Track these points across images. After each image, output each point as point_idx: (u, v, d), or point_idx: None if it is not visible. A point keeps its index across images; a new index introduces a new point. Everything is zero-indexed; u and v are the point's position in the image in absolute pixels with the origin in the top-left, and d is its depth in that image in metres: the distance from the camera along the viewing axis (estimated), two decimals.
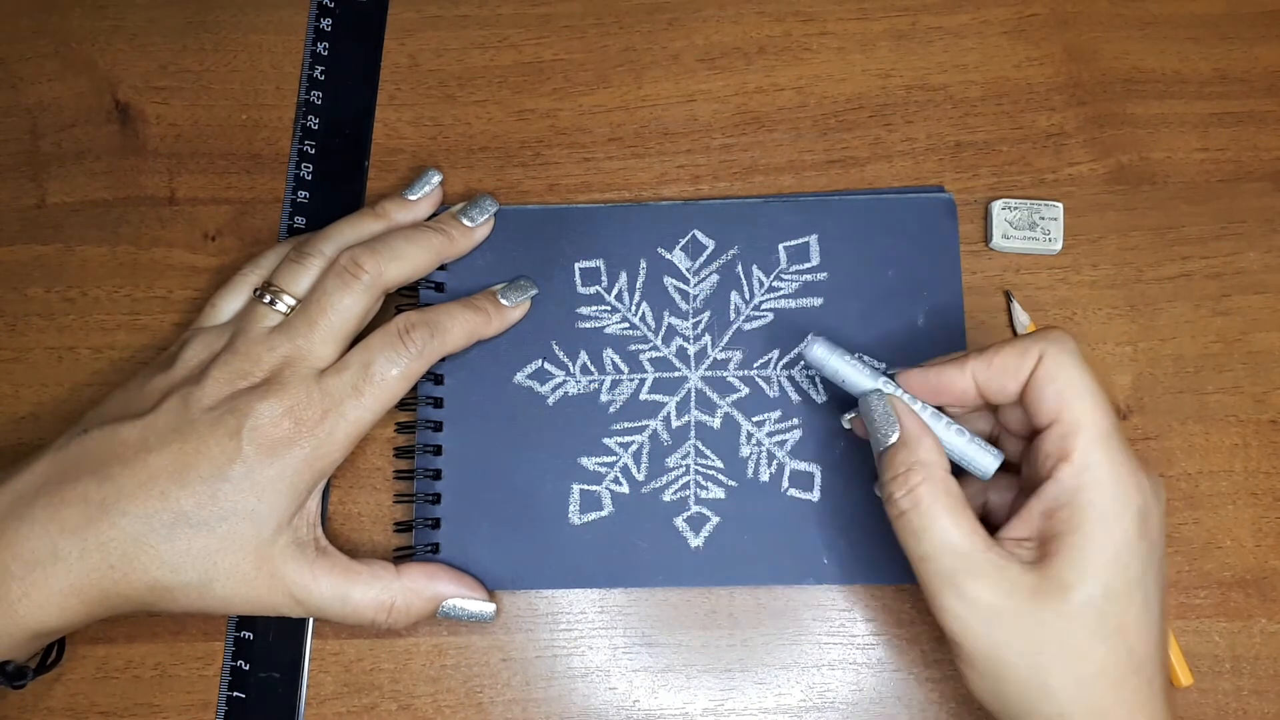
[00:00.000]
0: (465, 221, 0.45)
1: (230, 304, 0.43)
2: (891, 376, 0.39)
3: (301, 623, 0.44)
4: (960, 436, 0.38)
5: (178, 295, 0.47)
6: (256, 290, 0.42)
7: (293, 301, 0.41)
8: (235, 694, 0.43)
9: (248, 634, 0.44)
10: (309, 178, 0.48)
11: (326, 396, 0.40)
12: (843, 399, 0.44)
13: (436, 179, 0.45)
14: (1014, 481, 0.39)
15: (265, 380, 0.39)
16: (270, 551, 0.39)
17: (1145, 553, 0.34)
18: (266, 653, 0.43)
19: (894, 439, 0.37)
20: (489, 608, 0.42)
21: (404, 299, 0.45)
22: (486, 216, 0.45)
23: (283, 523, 0.39)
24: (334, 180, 0.48)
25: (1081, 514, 0.34)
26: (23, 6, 0.50)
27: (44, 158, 0.49)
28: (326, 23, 0.49)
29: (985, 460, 0.38)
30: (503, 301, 0.44)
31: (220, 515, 0.38)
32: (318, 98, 0.49)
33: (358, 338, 0.42)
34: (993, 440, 0.40)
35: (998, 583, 0.34)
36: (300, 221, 0.47)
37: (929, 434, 0.37)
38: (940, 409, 0.39)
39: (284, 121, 0.49)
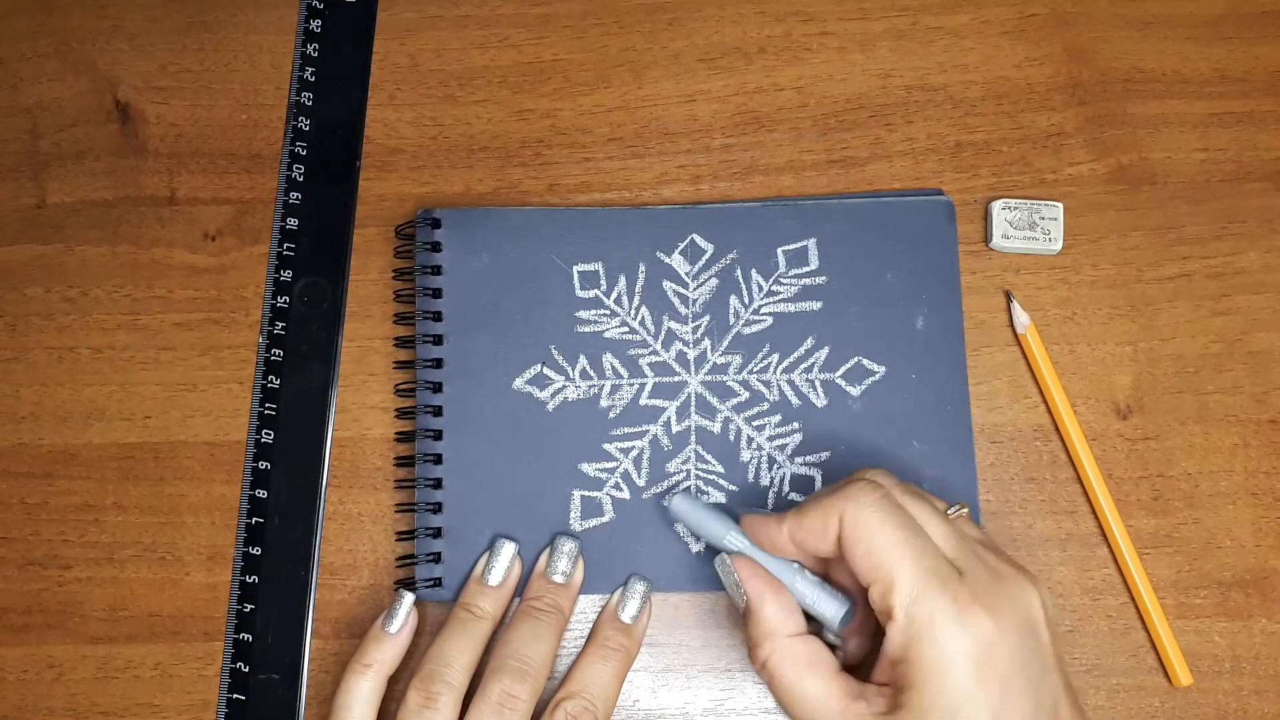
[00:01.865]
0: (558, 579, 0.43)
1: None
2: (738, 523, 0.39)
3: (301, 623, 0.44)
4: (810, 586, 0.38)
5: (178, 295, 0.47)
6: None
7: None
8: (235, 696, 0.43)
9: (247, 636, 0.44)
10: (300, 179, 0.48)
11: None
12: (835, 409, 0.44)
13: (512, 549, 0.43)
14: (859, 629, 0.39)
15: None
16: None
17: (991, 698, 0.33)
18: (266, 654, 0.43)
19: (743, 603, 0.38)
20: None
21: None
22: (573, 564, 0.43)
23: None
24: (326, 181, 0.48)
25: (914, 670, 0.34)
26: (23, 6, 0.50)
27: (44, 158, 0.49)
28: (316, 24, 0.49)
29: (832, 609, 0.38)
30: (624, 619, 0.43)
31: None
32: (308, 99, 0.49)
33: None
34: None
35: None
36: (293, 223, 0.47)
37: (774, 598, 0.37)
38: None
39: (284, 121, 0.49)
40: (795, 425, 0.44)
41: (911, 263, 0.45)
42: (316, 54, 0.49)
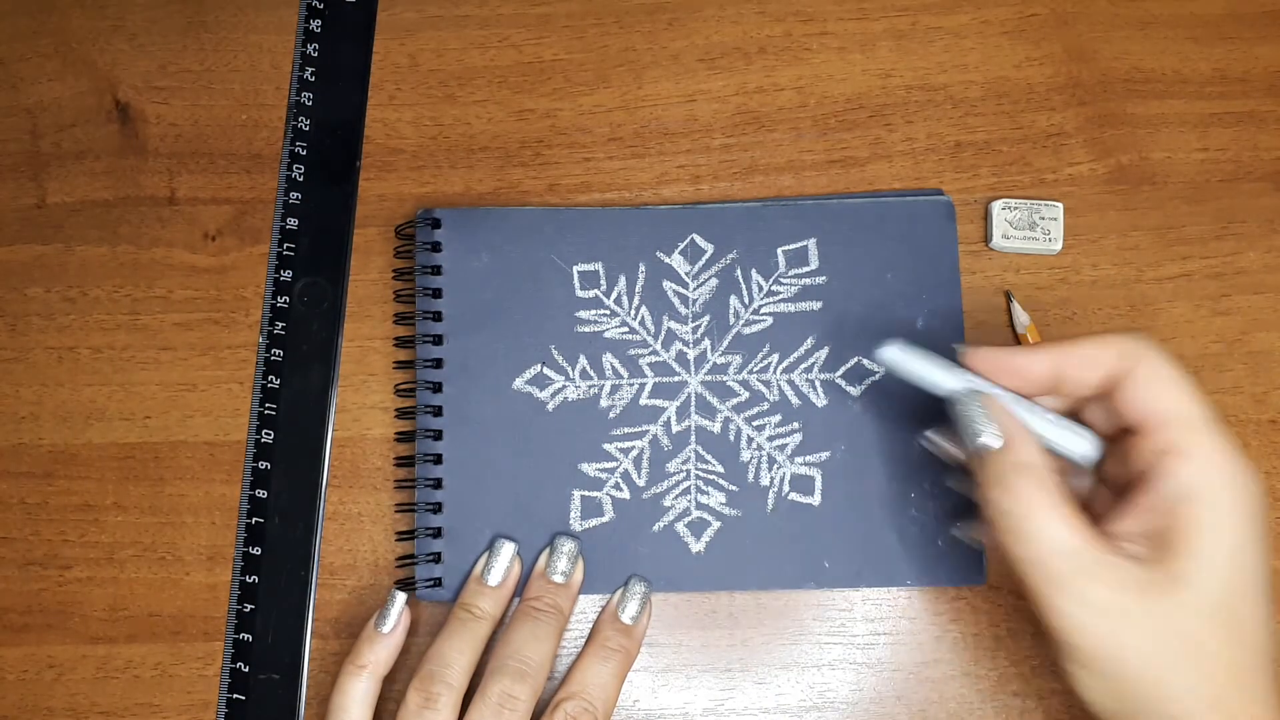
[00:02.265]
0: (558, 579, 0.43)
1: None
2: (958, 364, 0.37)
3: (301, 623, 0.44)
4: (1053, 424, 0.36)
5: (178, 295, 0.47)
6: None
7: None
8: (235, 696, 0.43)
9: (247, 636, 0.44)
10: (300, 179, 0.48)
11: None
12: (835, 409, 0.44)
13: (511, 549, 0.43)
14: (1086, 471, 0.38)
15: None
16: None
17: (1257, 542, 0.34)
18: (266, 654, 0.44)
19: (993, 443, 0.35)
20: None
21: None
22: (572, 564, 0.43)
23: None
24: (326, 181, 0.48)
25: (1202, 509, 0.33)
26: (23, 6, 0.50)
27: (44, 158, 0.49)
28: (316, 24, 0.49)
29: (1082, 445, 0.36)
30: (624, 620, 0.43)
31: None
32: (308, 99, 0.49)
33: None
34: None
35: (1113, 582, 0.33)
36: (293, 223, 0.47)
37: (1024, 432, 0.36)
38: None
39: (284, 121, 0.49)
40: (795, 425, 0.44)
41: (911, 263, 0.45)
42: (316, 54, 0.49)
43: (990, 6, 0.49)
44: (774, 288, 0.45)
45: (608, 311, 0.45)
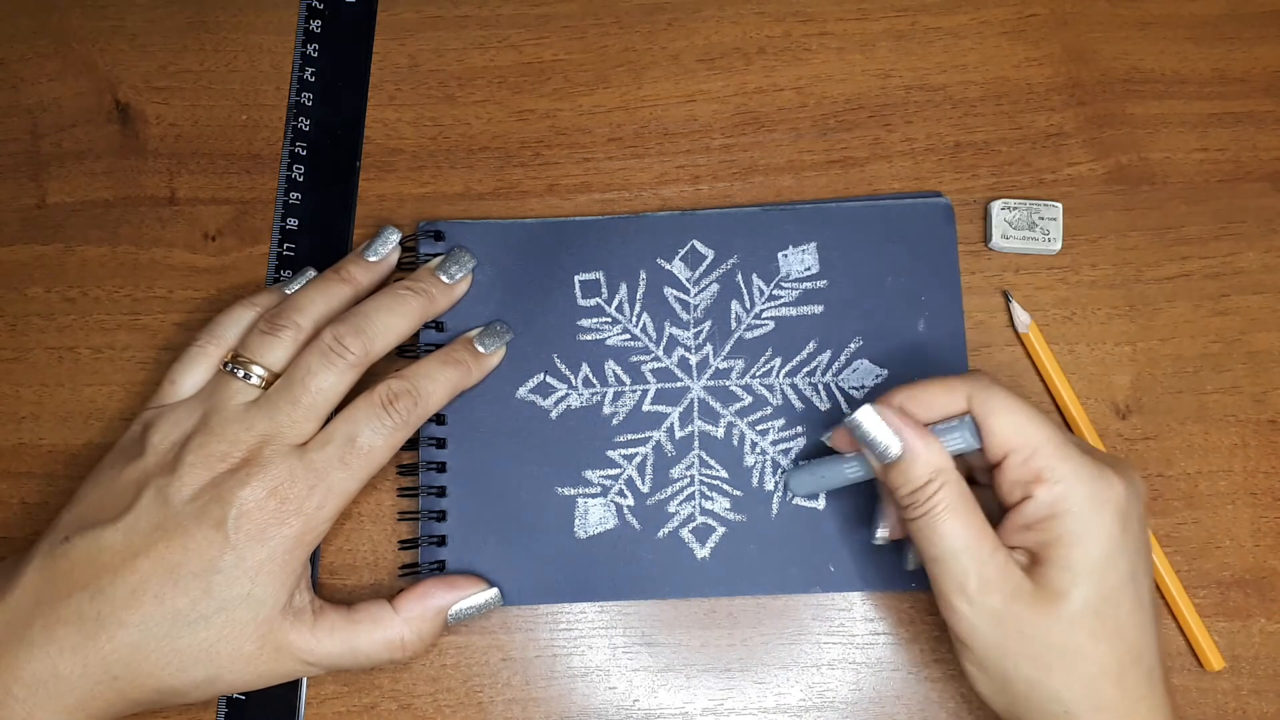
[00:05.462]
0: (444, 278, 0.44)
1: (190, 378, 0.41)
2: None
3: None
4: (937, 432, 0.38)
5: (178, 295, 0.47)
6: (225, 363, 0.41)
7: (265, 374, 0.40)
8: (235, 695, 0.43)
9: None
10: (301, 179, 0.48)
11: (311, 472, 0.39)
12: (838, 412, 0.44)
13: (395, 236, 0.44)
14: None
15: (244, 461, 0.38)
16: (270, 628, 0.39)
17: (1131, 549, 0.35)
18: None
19: (898, 450, 0.37)
20: (492, 594, 0.42)
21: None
22: (465, 272, 0.44)
23: (279, 600, 0.39)
24: (326, 182, 0.48)
25: (1064, 524, 0.35)
26: (23, 6, 0.50)
27: (44, 158, 0.49)
28: (316, 24, 0.49)
29: (965, 436, 0.38)
30: (480, 349, 0.44)
31: (217, 607, 0.38)
32: (308, 99, 0.49)
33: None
34: None
35: (1003, 587, 0.35)
36: (293, 223, 0.47)
37: (931, 438, 0.37)
38: None
39: (284, 121, 0.49)
40: (799, 429, 0.44)
41: (912, 265, 0.45)
42: (316, 54, 0.49)
43: (989, 7, 0.49)
44: (775, 292, 0.45)
45: (609, 319, 0.45)
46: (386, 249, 0.44)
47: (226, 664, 0.38)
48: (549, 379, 0.45)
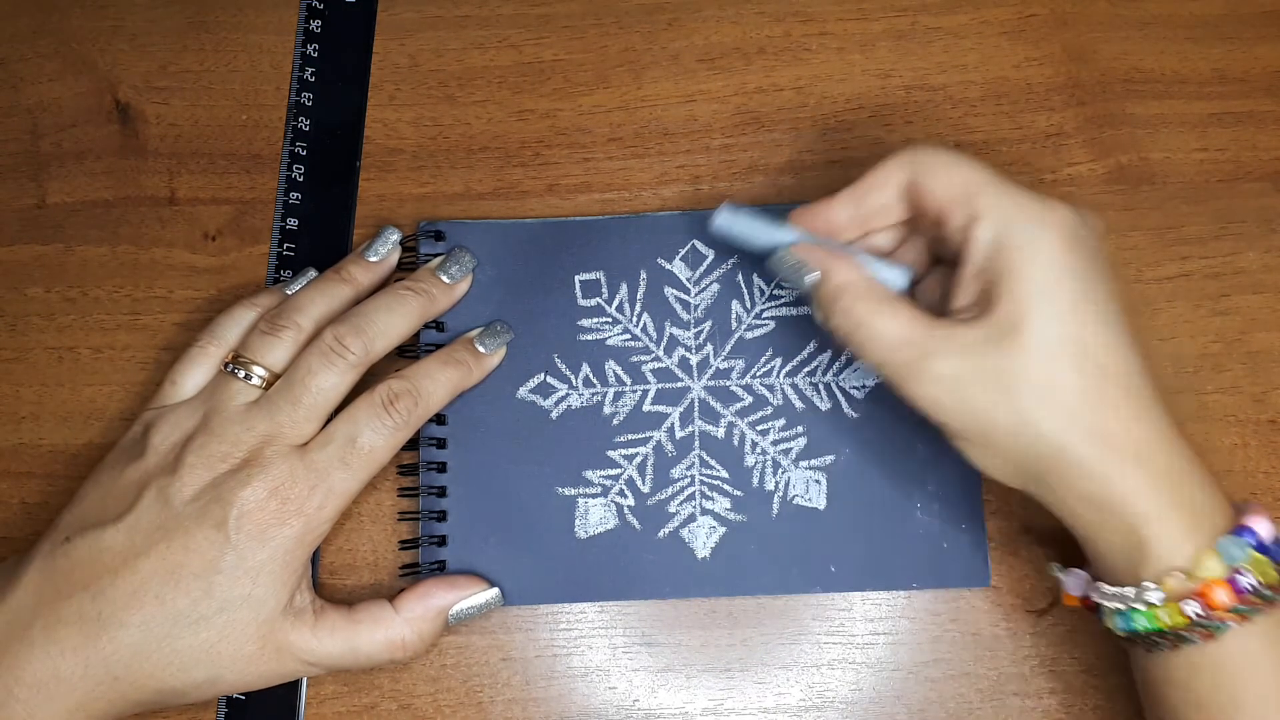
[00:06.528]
0: (444, 279, 0.44)
1: (191, 378, 0.41)
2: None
3: None
4: (868, 259, 0.39)
5: (178, 295, 0.47)
6: (226, 364, 0.41)
7: (266, 374, 0.40)
8: (235, 695, 0.43)
9: None
10: (301, 179, 0.48)
11: (312, 472, 0.39)
12: (839, 412, 0.44)
13: (396, 236, 0.45)
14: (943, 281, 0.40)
15: (245, 461, 0.39)
16: (270, 629, 0.39)
17: (1083, 269, 0.35)
18: None
19: (813, 277, 0.38)
20: (492, 594, 0.42)
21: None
22: (465, 272, 0.44)
23: (280, 601, 0.39)
24: (326, 182, 0.48)
25: (1006, 256, 0.35)
26: (23, 6, 0.50)
27: (44, 158, 0.49)
28: (316, 24, 0.49)
29: (895, 273, 0.39)
30: (480, 349, 0.44)
31: (218, 607, 0.38)
32: (308, 99, 0.49)
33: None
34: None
35: (952, 350, 0.35)
36: (293, 223, 0.47)
37: (842, 260, 0.38)
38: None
39: (284, 121, 0.49)
40: (799, 429, 0.44)
41: None
42: (316, 54, 0.49)
43: (989, 7, 0.49)
44: (775, 292, 0.45)
45: (610, 319, 0.45)
46: (387, 249, 0.44)
47: (227, 664, 0.38)
48: (549, 379, 0.45)
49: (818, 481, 0.44)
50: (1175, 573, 0.34)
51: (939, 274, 0.40)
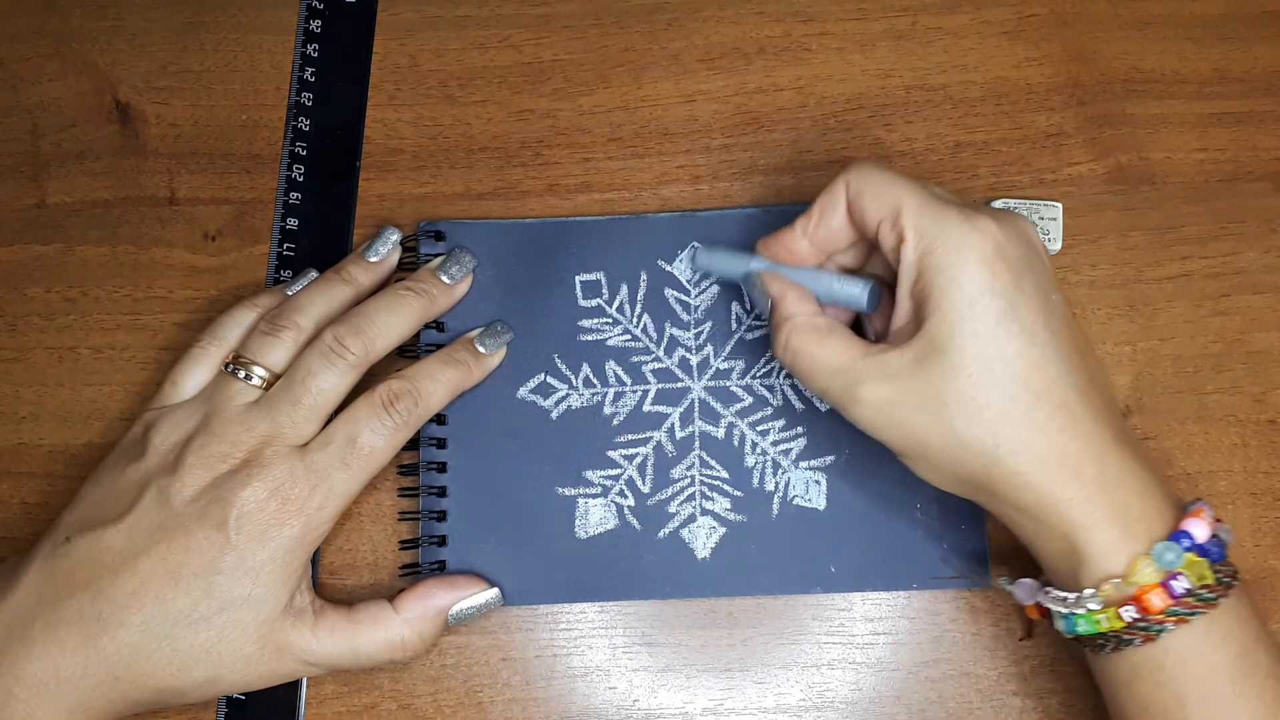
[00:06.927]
0: (445, 279, 0.44)
1: (192, 379, 0.42)
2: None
3: None
4: (828, 279, 0.40)
5: (178, 295, 0.47)
6: (227, 364, 0.41)
7: (265, 374, 0.40)
8: (235, 695, 0.43)
9: None
10: (301, 179, 0.48)
11: (312, 473, 0.39)
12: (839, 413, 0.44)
13: (396, 236, 0.45)
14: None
15: (245, 461, 0.39)
16: (271, 629, 0.39)
17: (1005, 287, 0.35)
18: None
19: (768, 307, 0.39)
20: (492, 594, 0.42)
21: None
22: (466, 273, 0.44)
23: (281, 601, 0.39)
24: (326, 182, 0.48)
25: (930, 276, 0.35)
26: (23, 6, 0.50)
27: (44, 158, 0.49)
28: (316, 24, 0.49)
29: (857, 288, 0.39)
30: (480, 349, 0.44)
31: (218, 607, 0.38)
32: (308, 99, 0.49)
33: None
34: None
35: (881, 376, 0.36)
36: (293, 224, 0.47)
37: (794, 291, 0.39)
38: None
39: (284, 121, 0.49)
40: (799, 430, 0.44)
41: None
42: (316, 54, 0.49)
43: (989, 7, 0.49)
44: None
45: (610, 320, 0.45)
46: (387, 249, 0.44)
47: (227, 664, 0.38)
48: (549, 379, 0.45)
49: (818, 482, 0.44)
50: (1112, 579, 0.34)
51: None
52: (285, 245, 0.47)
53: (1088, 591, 0.35)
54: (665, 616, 0.44)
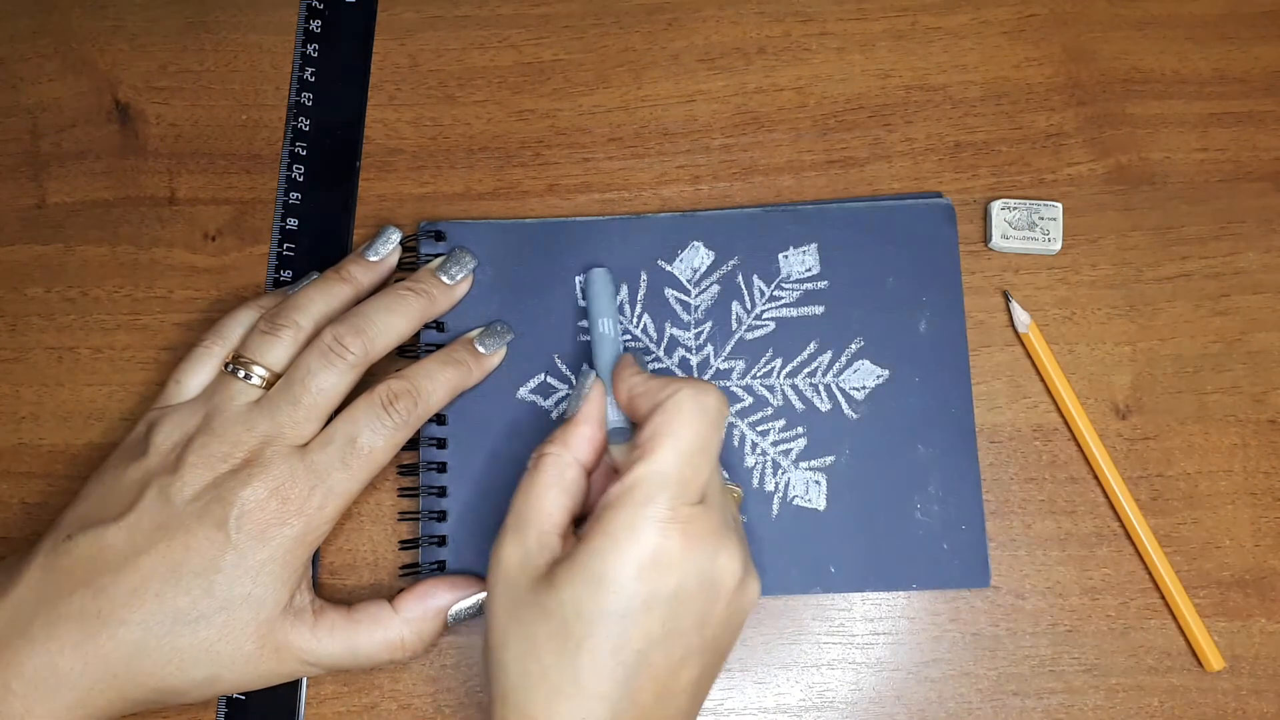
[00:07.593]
0: (444, 279, 0.44)
1: (195, 378, 0.42)
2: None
3: None
4: (615, 410, 0.39)
5: (178, 295, 0.47)
6: (227, 364, 0.41)
7: (266, 374, 0.40)
8: (235, 695, 0.43)
9: None
10: (301, 179, 0.48)
11: (312, 473, 0.39)
12: (839, 413, 0.44)
13: (396, 236, 0.45)
14: None
15: (246, 461, 0.39)
16: (270, 628, 0.39)
17: (634, 598, 0.33)
18: None
19: (568, 413, 0.39)
20: None
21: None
22: (466, 273, 0.44)
23: (280, 600, 0.39)
24: (326, 182, 0.48)
25: (597, 530, 0.34)
26: (23, 6, 0.50)
27: (44, 158, 0.49)
28: (316, 24, 0.49)
29: (614, 442, 0.39)
30: (480, 349, 0.44)
31: (218, 606, 0.38)
32: (308, 99, 0.49)
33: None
34: None
35: (534, 557, 0.35)
36: (293, 224, 0.47)
37: (598, 430, 0.38)
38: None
39: (284, 121, 0.49)
40: (799, 430, 0.44)
41: (913, 266, 0.45)
42: (316, 54, 0.49)
43: (989, 7, 0.49)
44: (776, 293, 0.45)
45: None
46: (387, 249, 0.44)
47: (227, 664, 0.38)
48: (550, 379, 0.45)
49: (818, 482, 0.44)
50: None
51: None
52: (285, 245, 0.47)
53: None
54: None
